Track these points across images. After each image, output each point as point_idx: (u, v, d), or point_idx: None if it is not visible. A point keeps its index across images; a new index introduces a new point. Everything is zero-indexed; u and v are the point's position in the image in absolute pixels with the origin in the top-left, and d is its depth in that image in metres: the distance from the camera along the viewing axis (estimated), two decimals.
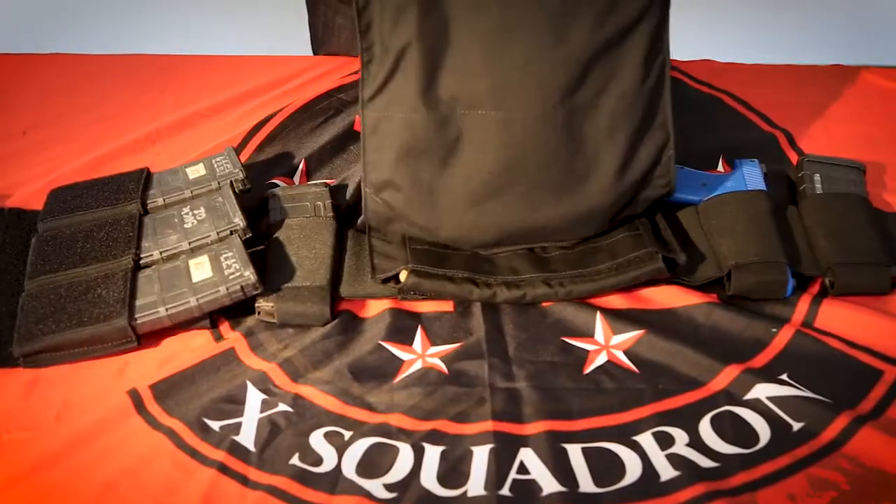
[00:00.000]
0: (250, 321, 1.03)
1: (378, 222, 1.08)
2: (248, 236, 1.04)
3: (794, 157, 1.23)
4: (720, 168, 1.22)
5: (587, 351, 0.99)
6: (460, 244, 1.07)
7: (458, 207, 1.04)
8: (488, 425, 0.92)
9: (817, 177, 1.14)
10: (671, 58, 1.03)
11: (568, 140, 1.02)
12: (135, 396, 0.95)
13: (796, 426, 0.91)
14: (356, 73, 1.05)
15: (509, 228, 1.05)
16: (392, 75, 1.01)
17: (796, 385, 0.95)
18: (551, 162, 1.03)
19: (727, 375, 0.95)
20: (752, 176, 1.14)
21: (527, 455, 0.89)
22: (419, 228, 1.06)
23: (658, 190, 1.07)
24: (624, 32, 1.00)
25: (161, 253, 1.03)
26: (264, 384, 0.96)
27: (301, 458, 0.89)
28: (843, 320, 1.02)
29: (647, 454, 0.89)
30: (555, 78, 1.00)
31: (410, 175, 1.03)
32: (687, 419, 0.92)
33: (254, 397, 0.95)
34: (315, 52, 1.54)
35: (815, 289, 1.06)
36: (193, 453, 0.90)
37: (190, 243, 1.03)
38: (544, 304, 1.04)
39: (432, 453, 0.90)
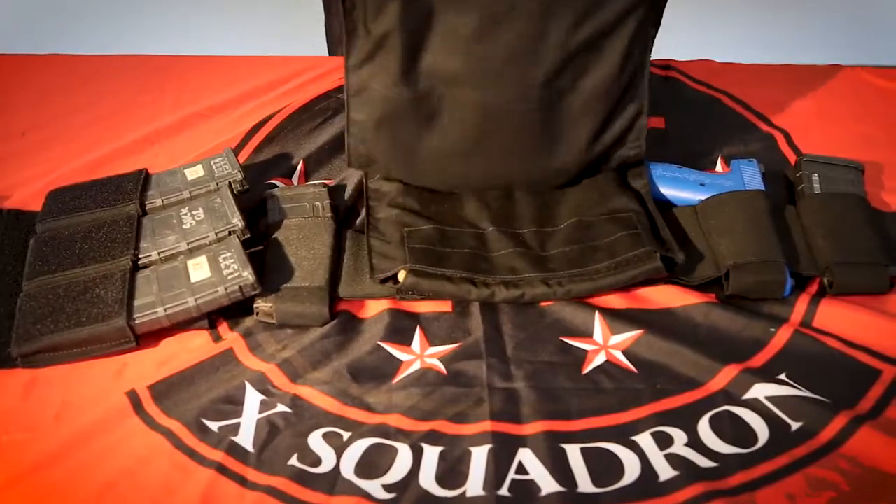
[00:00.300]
0: (249, 322, 1.02)
1: (360, 165, 1.12)
2: (246, 237, 1.04)
3: (792, 157, 1.23)
4: (718, 168, 1.22)
5: (586, 351, 0.99)
6: (432, 185, 1.13)
7: (434, 161, 1.10)
8: (487, 426, 0.92)
9: (815, 176, 1.14)
10: (670, 58, 1.04)
11: (544, 117, 1.06)
12: (133, 397, 0.95)
13: (795, 426, 0.91)
14: None
15: (479, 177, 1.12)
16: (374, 54, 1.03)
17: (795, 385, 0.95)
18: (525, 134, 1.08)
19: (726, 375, 0.95)
20: (750, 176, 1.14)
21: (525, 455, 0.89)
22: (398, 173, 1.12)
23: (629, 151, 1.11)
24: (610, 27, 1.01)
25: (159, 253, 1.03)
26: (263, 385, 0.96)
27: (300, 459, 0.89)
28: (842, 320, 1.02)
29: (646, 454, 0.89)
30: (536, 68, 1.02)
31: (390, 137, 1.08)
32: (685, 419, 0.92)
33: (252, 398, 0.95)
34: (331, 52, 1.54)
35: (814, 288, 1.06)
36: (192, 454, 0.89)
37: (188, 244, 1.03)
38: (543, 303, 1.04)
39: (431, 454, 0.90)
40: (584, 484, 0.87)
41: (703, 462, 0.88)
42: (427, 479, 0.88)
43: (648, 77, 1.08)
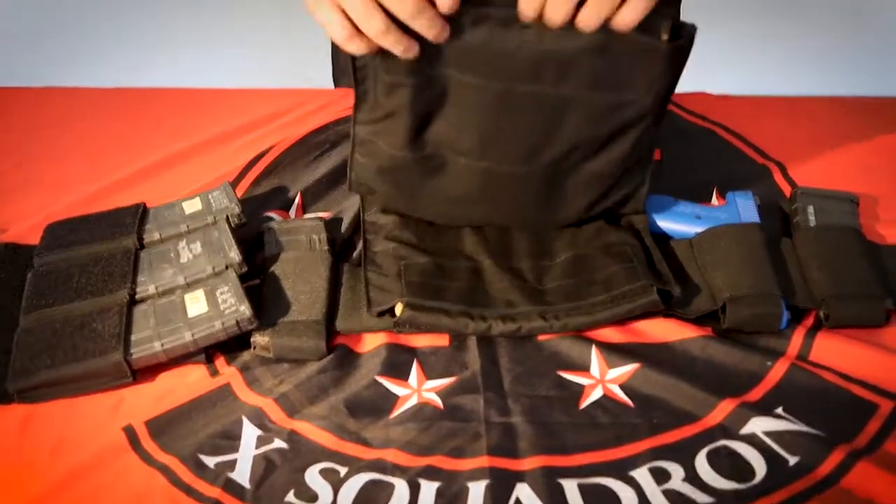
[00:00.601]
0: (246, 356, 1.02)
1: (360, 192, 1.13)
2: (243, 271, 1.04)
3: (787, 189, 1.24)
4: (714, 201, 1.22)
5: (583, 385, 0.99)
6: (431, 220, 1.14)
7: (435, 204, 1.11)
8: (484, 461, 0.91)
9: (811, 209, 1.14)
10: None
11: (546, 190, 1.07)
12: (130, 432, 0.94)
13: (792, 460, 0.91)
14: (351, 106, 1.05)
15: (480, 220, 1.14)
16: (382, 120, 1.03)
17: (792, 419, 0.94)
18: (527, 197, 1.09)
19: (723, 409, 0.95)
20: (745, 208, 1.15)
21: (523, 491, 0.89)
22: (397, 207, 1.14)
23: (629, 209, 1.13)
24: (626, 125, 1.02)
25: (157, 287, 1.03)
26: (260, 420, 0.96)
27: (296, 495, 0.89)
28: (838, 353, 1.02)
29: (644, 490, 0.88)
30: (544, 152, 1.03)
31: (392, 182, 1.09)
32: (683, 454, 0.92)
33: (249, 433, 0.94)
34: (337, 84, 1.54)
35: (810, 321, 1.06)
36: (189, 490, 0.89)
37: (186, 278, 1.03)
38: (540, 337, 1.04)
39: (428, 489, 0.89)
40: None
41: (702, 498, 0.88)
42: None
43: (653, 154, 1.10)
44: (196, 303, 1.00)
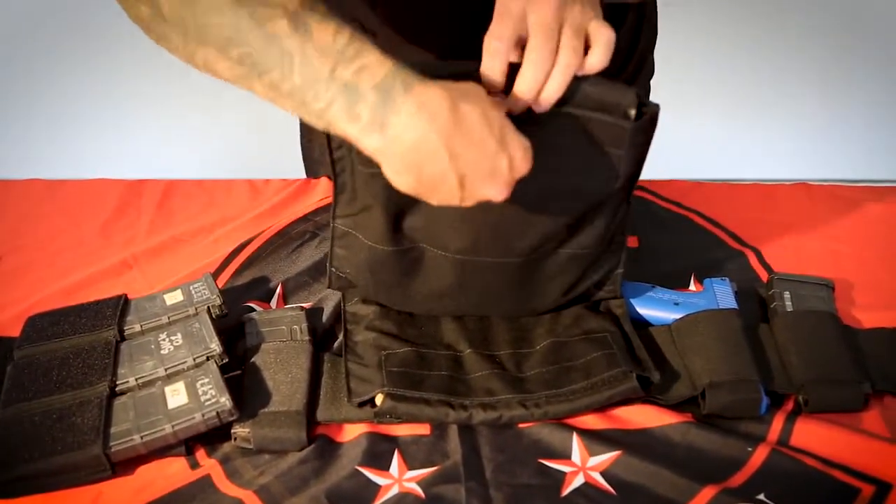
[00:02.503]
0: (227, 447, 1.01)
1: (340, 288, 1.15)
2: (224, 362, 1.04)
3: (764, 275, 1.25)
4: (692, 287, 1.23)
5: (564, 473, 0.99)
6: (411, 311, 1.16)
7: (414, 297, 1.12)
8: None
9: (787, 294, 1.16)
10: (641, 178, 1.07)
11: (523, 276, 1.09)
12: None
13: None
14: (329, 196, 1.07)
15: (457, 311, 1.15)
16: (360, 213, 1.05)
17: None
18: (503, 286, 1.11)
19: (704, 496, 0.95)
20: (722, 294, 1.16)
21: None
22: (377, 299, 1.15)
23: (605, 294, 1.15)
24: (590, 215, 1.06)
25: (137, 379, 1.02)
26: None
27: None
28: (818, 438, 1.02)
29: None
30: (519, 242, 1.06)
31: (372, 276, 1.10)
32: None
33: None
34: (309, 175, 1.55)
35: (790, 406, 1.07)
36: None
37: (166, 369, 1.03)
38: (520, 424, 1.04)
39: None
40: None
41: None
42: None
43: (626, 236, 1.12)
44: (176, 395, 0.99)
